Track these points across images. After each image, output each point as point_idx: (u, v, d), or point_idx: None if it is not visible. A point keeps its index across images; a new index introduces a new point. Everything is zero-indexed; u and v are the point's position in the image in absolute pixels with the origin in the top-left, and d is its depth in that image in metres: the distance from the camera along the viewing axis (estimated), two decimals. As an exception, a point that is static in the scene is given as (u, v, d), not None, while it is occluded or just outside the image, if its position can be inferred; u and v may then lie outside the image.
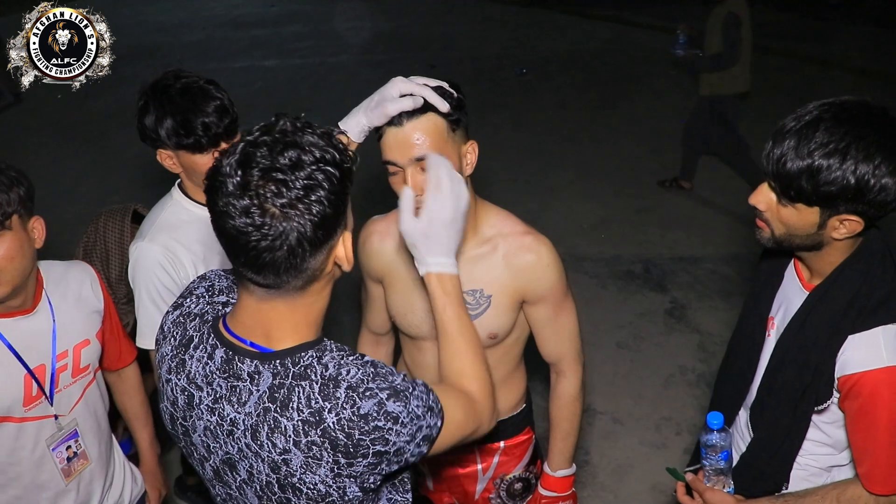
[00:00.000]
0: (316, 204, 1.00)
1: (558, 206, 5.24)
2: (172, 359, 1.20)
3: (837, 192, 1.26)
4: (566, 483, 1.84)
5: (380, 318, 1.86)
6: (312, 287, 1.10)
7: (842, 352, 1.40)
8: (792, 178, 1.28)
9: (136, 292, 1.88)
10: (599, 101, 7.33)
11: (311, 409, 1.05)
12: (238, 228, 1.00)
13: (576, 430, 1.81)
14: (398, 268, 1.69)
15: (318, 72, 8.93)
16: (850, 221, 1.31)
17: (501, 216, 1.67)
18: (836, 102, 1.30)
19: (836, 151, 1.24)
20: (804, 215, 1.34)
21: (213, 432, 1.15)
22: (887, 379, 1.35)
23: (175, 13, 12.33)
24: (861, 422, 1.42)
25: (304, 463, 1.06)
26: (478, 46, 9.65)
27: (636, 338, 3.84)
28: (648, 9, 11.32)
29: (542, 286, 1.64)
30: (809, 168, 1.26)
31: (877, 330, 1.37)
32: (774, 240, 1.43)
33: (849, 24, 9.88)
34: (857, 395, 1.40)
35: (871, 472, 1.43)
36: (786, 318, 1.54)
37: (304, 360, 1.09)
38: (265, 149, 1.01)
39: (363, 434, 1.04)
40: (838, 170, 1.24)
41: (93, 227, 2.56)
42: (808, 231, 1.36)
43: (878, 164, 1.24)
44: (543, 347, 1.76)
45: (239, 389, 1.11)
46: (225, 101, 1.77)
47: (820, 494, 1.49)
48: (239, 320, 1.14)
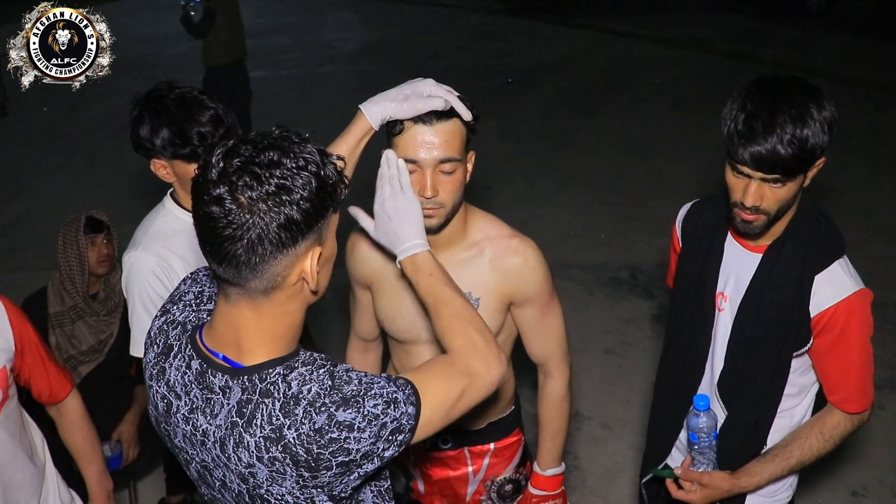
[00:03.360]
0: (285, 205, 1.01)
1: (545, 213, 5.27)
2: (154, 366, 1.21)
3: (824, 144, 1.43)
4: (556, 482, 1.86)
5: (368, 325, 1.88)
6: (276, 295, 1.09)
7: (813, 293, 1.54)
8: (791, 161, 1.40)
9: (129, 301, 1.88)
10: (585, 110, 7.38)
11: (272, 426, 1.05)
12: (209, 215, 1.02)
13: (564, 429, 1.84)
14: (386, 273, 1.72)
15: (305, 83, 8.94)
16: (819, 163, 1.47)
17: (488, 220, 1.70)
18: (753, 88, 1.45)
19: (805, 121, 1.40)
20: (795, 183, 1.47)
21: (189, 440, 1.16)
22: (857, 301, 1.53)
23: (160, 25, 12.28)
24: (836, 352, 1.57)
25: (269, 476, 1.07)
26: (464, 56, 9.69)
27: (623, 343, 3.87)
28: (631, 17, 11.42)
29: (529, 288, 1.67)
30: (800, 141, 1.39)
31: (835, 265, 1.55)
32: (769, 222, 1.52)
33: (829, 32, 10.01)
34: (833, 328, 1.54)
35: (847, 395, 1.60)
36: (739, 286, 1.64)
37: (271, 378, 1.09)
38: (251, 145, 1.04)
39: (321, 448, 1.04)
40: (814, 135, 1.40)
41: (56, 247, 2.55)
42: (795, 194, 1.49)
43: (821, 107, 1.42)
44: (531, 348, 1.78)
45: (213, 401, 1.12)
46: (219, 111, 1.80)
47: (803, 435, 1.62)
48: (214, 329, 1.15)
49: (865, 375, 1.60)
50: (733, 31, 10.13)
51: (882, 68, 8.22)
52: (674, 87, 7.95)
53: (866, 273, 1.67)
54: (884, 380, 3.52)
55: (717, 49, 9.26)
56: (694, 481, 1.67)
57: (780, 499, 1.77)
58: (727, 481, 1.64)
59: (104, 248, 2.59)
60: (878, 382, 3.50)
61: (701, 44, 9.46)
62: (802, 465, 1.64)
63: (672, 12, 11.49)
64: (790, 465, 1.63)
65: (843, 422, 1.61)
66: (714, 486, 1.65)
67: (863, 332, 1.56)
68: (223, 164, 1.02)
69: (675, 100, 7.56)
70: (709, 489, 1.65)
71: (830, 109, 1.43)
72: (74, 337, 2.59)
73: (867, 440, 3.17)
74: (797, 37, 9.85)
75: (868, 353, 1.59)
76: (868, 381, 1.61)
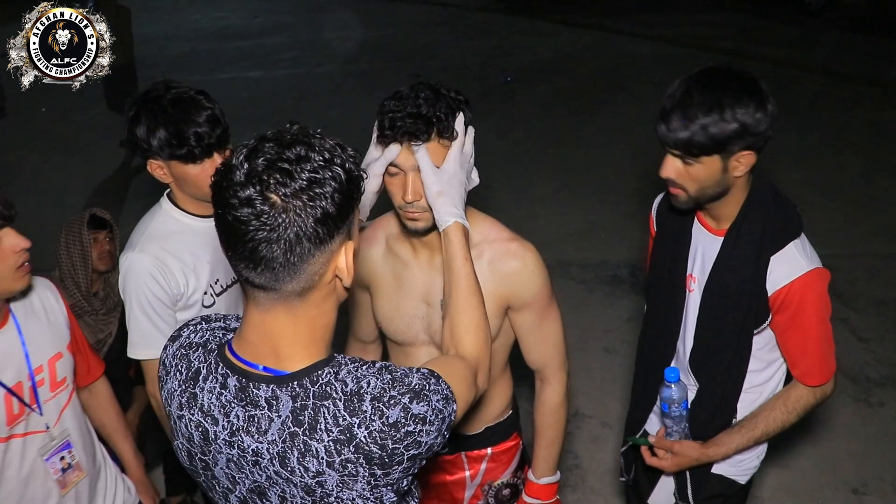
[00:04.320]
0: (319, 199, 0.99)
1: (544, 212, 5.27)
2: (182, 394, 1.14)
3: (728, 136, 1.51)
4: (550, 490, 1.83)
5: (367, 326, 1.87)
6: (312, 296, 1.07)
7: (770, 272, 1.64)
8: (691, 140, 1.53)
9: (126, 303, 1.87)
10: (583, 108, 7.38)
11: (339, 428, 1.02)
12: (239, 219, 0.98)
13: (560, 437, 1.81)
14: (384, 274, 1.71)
15: (304, 82, 8.93)
16: (744, 156, 1.56)
17: (487, 223, 1.69)
18: (695, 73, 1.57)
19: (715, 106, 1.50)
20: (709, 166, 1.57)
21: (237, 464, 1.11)
22: (810, 280, 1.62)
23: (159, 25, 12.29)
24: (794, 327, 1.67)
25: (339, 482, 1.04)
26: (462, 55, 9.68)
27: (623, 342, 3.87)
28: (630, 16, 11.42)
29: (527, 292, 1.65)
30: (702, 127, 1.51)
31: (790, 245, 1.64)
32: (691, 199, 1.65)
33: (828, 30, 10.01)
34: (789, 305, 1.64)
35: (808, 369, 1.71)
36: (705, 267, 1.75)
37: (323, 379, 1.06)
38: (273, 143, 1.01)
39: (396, 442, 1.03)
40: (721, 120, 1.50)
41: (58, 245, 2.55)
42: (716, 178, 1.59)
43: (748, 105, 1.50)
44: (528, 354, 1.76)
45: (257, 418, 1.07)
46: (216, 112, 1.78)
47: (769, 408, 1.75)
48: (246, 340, 1.11)
49: (823, 350, 1.70)
50: (732, 30, 10.13)
51: (880, 66, 8.23)
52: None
53: (866, 271, 1.68)
54: (884, 377, 3.51)
55: (717, 47, 9.27)
56: (666, 449, 1.79)
57: (747, 468, 1.89)
58: (696, 450, 1.77)
59: (106, 244, 2.60)
60: (879, 379, 3.50)
61: (700, 42, 9.46)
62: (768, 436, 1.75)
63: (671, 11, 11.49)
64: (755, 435, 1.75)
65: (805, 395, 1.73)
66: (684, 455, 1.78)
67: (818, 308, 1.65)
68: (248, 164, 0.99)
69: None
70: (679, 457, 1.78)
71: (763, 110, 1.51)
72: (73, 337, 2.59)
73: (868, 437, 3.17)
74: (796, 34, 9.85)
75: (824, 329, 1.68)
76: (826, 357, 1.71)
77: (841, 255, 4.40)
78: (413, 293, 1.68)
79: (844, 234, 4.75)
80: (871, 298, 3.99)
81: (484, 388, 1.28)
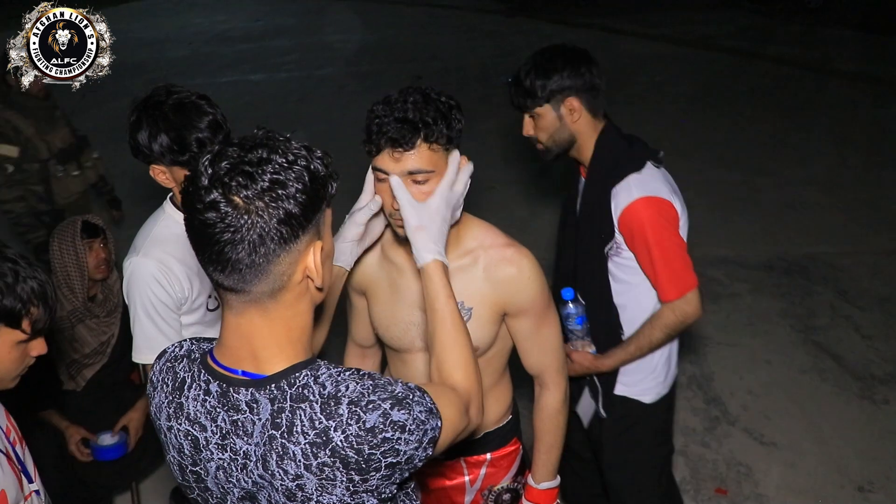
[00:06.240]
0: (282, 199, 1.00)
1: (546, 213, 5.26)
2: (169, 405, 1.15)
3: (547, 86, 1.89)
4: (550, 495, 1.81)
5: (364, 331, 1.86)
6: (283, 297, 1.07)
7: (613, 201, 1.90)
8: (521, 97, 1.93)
9: (131, 307, 1.87)
10: (585, 108, 7.38)
11: (316, 431, 1.02)
12: (204, 222, 0.99)
13: (560, 441, 1.80)
14: (380, 280, 1.70)
15: (305, 85, 8.95)
16: (569, 101, 1.91)
17: (483, 228, 1.67)
18: (541, 49, 1.95)
19: (537, 71, 1.91)
20: (545, 115, 1.93)
21: (226, 470, 1.11)
22: (640, 206, 1.86)
23: (161, 29, 12.33)
24: (639, 249, 1.90)
25: (318, 485, 1.04)
26: (463, 56, 9.70)
27: (627, 341, 3.86)
28: (631, 16, 11.43)
29: (523, 298, 1.63)
30: (527, 85, 1.91)
31: (629, 178, 1.90)
32: (549, 150, 1.99)
33: (828, 27, 10.01)
34: (629, 228, 1.88)
35: (660, 287, 1.92)
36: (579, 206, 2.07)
37: (300, 381, 1.06)
38: (237, 147, 1.02)
39: (373, 448, 1.02)
40: (527, 78, 1.90)
41: (50, 252, 2.53)
42: (557, 125, 1.94)
43: (556, 63, 1.90)
44: (526, 360, 1.75)
45: (241, 422, 1.08)
46: (218, 116, 1.77)
47: (648, 324, 1.98)
48: (225, 346, 1.11)
49: (669, 268, 1.89)
50: (733, 28, 10.13)
51: (881, 62, 8.22)
52: (674, 84, 7.95)
53: (870, 268, 1.67)
54: (889, 374, 3.51)
55: (718, 46, 9.26)
56: (568, 355, 2.03)
57: (644, 388, 2.11)
58: (588, 360, 2.06)
59: (101, 252, 2.57)
60: (884, 377, 3.49)
61: (701, 41, 9.46)
62: (641, 350, 2.00)
63: (672, 10, 11.50)
64: (631, 350, 2.00)
65: (665, 312, 1.95)
66: (578, 363, 2.07)
67: (655, 229, 1.86)
68: (212, 169, 1.00)
69: (676, 98, 7.56)
70: (575, 364, 2.07)
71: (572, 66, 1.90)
72: (76, 340, 2.58)
73: (873, 435, 3.17)
74: (797, 32, 9.85)
75: (664, 249, 1.87)
76: (675, 274, 1.90)
77: (843, 253, 4.39)
78: (408, 300, 1.67)
79: (846, 232, 4.73)
80: (874, 295, 3.97)
81: (477, 423, 1.27)
